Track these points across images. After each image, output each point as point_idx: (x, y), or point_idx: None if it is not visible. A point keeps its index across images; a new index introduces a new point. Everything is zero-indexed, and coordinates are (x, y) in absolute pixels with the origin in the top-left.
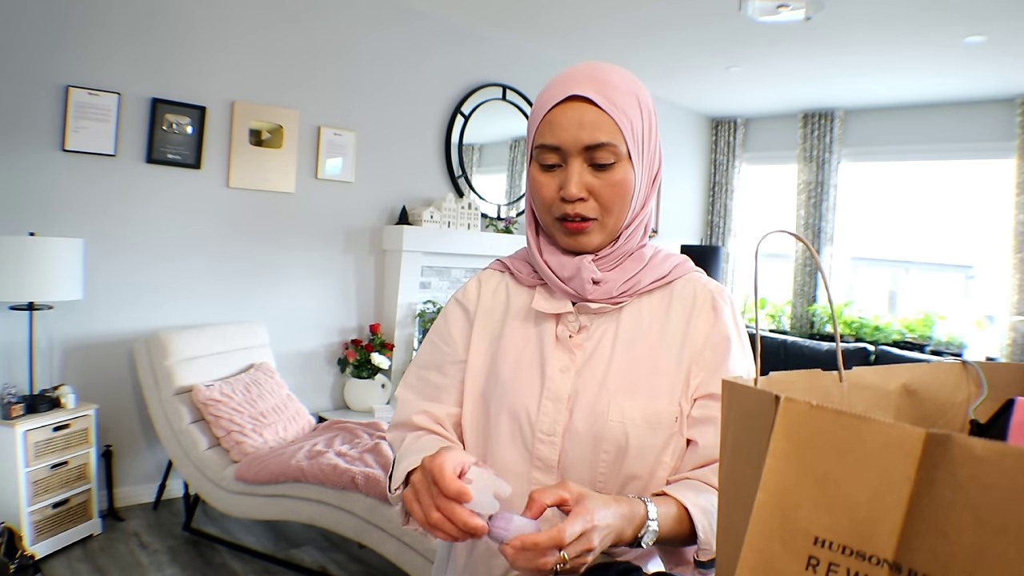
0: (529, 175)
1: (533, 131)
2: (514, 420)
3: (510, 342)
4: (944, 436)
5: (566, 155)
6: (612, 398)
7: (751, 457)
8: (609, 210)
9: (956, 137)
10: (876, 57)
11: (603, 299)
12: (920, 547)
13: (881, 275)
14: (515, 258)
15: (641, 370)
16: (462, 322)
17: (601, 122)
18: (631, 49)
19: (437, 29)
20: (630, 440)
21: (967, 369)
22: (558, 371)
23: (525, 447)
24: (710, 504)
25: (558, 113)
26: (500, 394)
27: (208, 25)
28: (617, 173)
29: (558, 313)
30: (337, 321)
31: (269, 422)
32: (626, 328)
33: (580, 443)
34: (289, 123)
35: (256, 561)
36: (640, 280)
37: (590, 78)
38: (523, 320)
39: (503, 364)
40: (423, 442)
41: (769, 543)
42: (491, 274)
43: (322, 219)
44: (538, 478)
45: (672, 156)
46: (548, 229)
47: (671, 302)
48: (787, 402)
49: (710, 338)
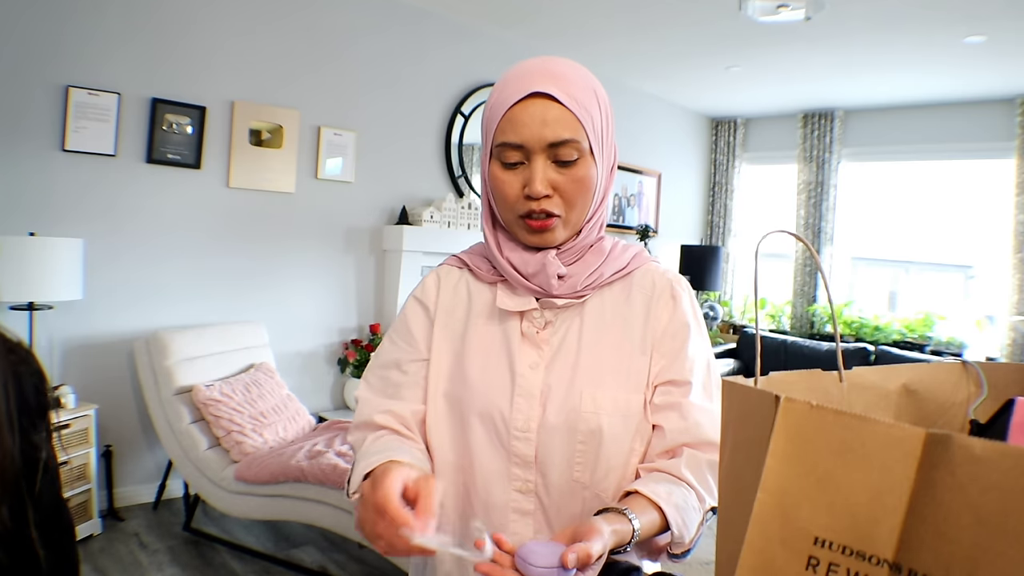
0: (489, 173)
1: (492, 129)
2: (488, 419)
3: (475, 341)
4: (944, 436)
5: (529, 152)
6: (584, 389)
7: (751, 457)
8: (573, 206)
9: (956, 137)
10: (876, 57)
11: (568, 294)
12: (920, 547)
13: (881, 275)
14: (472, 254)
15: (608, 360)
16: (422, 320)
17: (564, 119)
18: (631, 49)
19: (437, 28)
20: (604, 429)
21: (967, 369)
22: (528, 367)
23: (501, 445)
24: (682, 499)
25: (519, 111)
26: (470, 394)
27: (208, 25)
28: (580, 169)
29: (523, 311)
30: (337, 321)
31: (269, 422)
32: (590, 320)
33: (555, 437)
34: (289, 123)
35: (256, 561)
36: (602, 272)
37: (549, 74)
38: (487, 318)
39: (470, 364)
40: (382, 443)
41: (769, 543)
42: (449, 270)
43: (322, 219)
44: (517, 473)
45: (672, 156)
46: (510, 227)
47: (631, 292)
48: (787, 402)
49: (669, 326)
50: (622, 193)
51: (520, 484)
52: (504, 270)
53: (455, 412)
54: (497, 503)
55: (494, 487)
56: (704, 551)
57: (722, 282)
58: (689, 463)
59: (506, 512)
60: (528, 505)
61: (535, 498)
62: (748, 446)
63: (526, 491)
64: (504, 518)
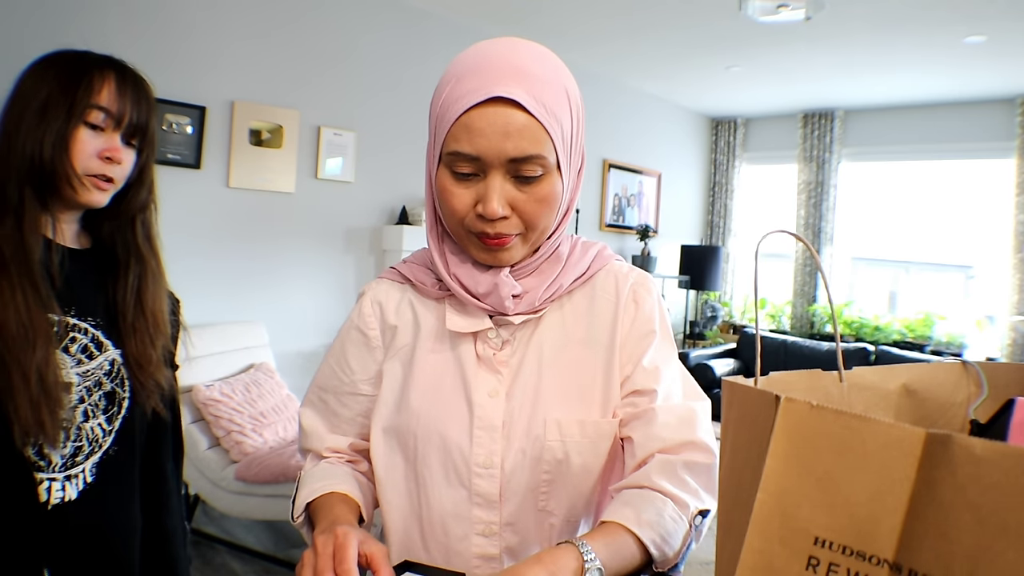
0: (437, 180)
1: (444, 131)
2: (445, 456)
3: (425, 367)
4: (944, 436)
5: (486, 166)
6: (547, 416)
7: (751, 457)
8: (534, 226)
9: (956, 137)
10: (876, 57)
11: (525, 311)
12: (920, 547)
13: (881, 275)
14: (413, 265)
15: (571, 381)
16: (360, 350)
17: (529, 130)
18: (631, 49)
19: (437, 28)
20: (571, 459)
21: (967, 369)
22: (486, 396)
23: (461, 484)
24: (655, 515)
25: (477, 116)
26: (421, 428)
27: (208, 25)
28: (544, 187)
29: (476, 332)
30: (337, 321)
31: (269, 422)
32: (551, 336)
33: (521, 472)
34: (289, 123)
35: (256, 561)
36: (562, 283)
37: (514, 71)
38: (436, 340)
39: (417, 393)
40: (325, 470)
41: (769, 543)
42: (389, 287)
43: (322, 219)
44: (480, 516)
45: (672, 156)
46: (460, 240)
47: (593, 300)
48: (787, 402)
49: (631, 334)
50: (622, 193)
51: (483, 527)
52: (453, 289)
53: (405, 449)
54: (458, 549)
55: (453, 531)
56: (704, 551)
57: (722, 282)
58: (661, 469)
59: (468, 560)
60: (493, 549)
61: (499, 540)
62: (748, 446)
63: (489, 534)
64: (467, 565)
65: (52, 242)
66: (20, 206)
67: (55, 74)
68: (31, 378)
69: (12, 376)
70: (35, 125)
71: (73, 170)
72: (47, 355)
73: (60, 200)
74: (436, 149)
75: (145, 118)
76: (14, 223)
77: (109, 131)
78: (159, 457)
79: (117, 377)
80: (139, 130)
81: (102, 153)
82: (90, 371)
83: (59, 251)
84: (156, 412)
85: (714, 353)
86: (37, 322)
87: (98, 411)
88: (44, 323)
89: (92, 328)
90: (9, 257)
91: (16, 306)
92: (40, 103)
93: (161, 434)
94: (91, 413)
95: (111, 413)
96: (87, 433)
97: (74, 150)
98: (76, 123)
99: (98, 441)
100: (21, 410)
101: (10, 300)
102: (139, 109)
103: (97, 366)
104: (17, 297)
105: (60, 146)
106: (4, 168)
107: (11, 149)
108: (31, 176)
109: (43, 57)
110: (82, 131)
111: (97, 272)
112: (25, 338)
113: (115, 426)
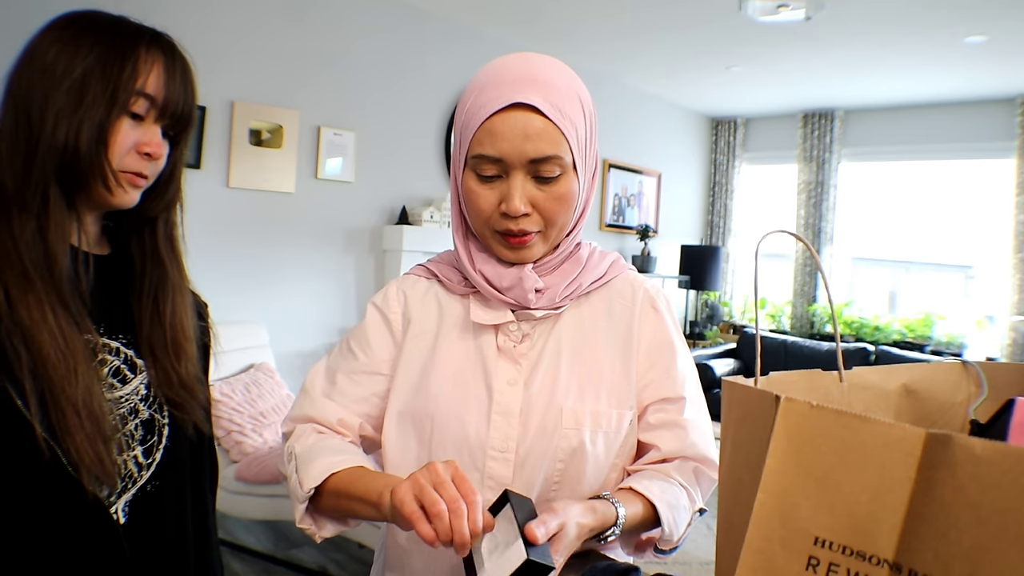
0: (463, 183)
1: (469, 137)
2: (461, 439)
3: (446, 356)
4: (944, 436)
5: (508, 167)
6: (564, 405)
7: (751, 457)
8: (553, 223)
9: (956, 137)
10: (876, 57)
11: (546, 306)
12: (920, 547)
13: (881, 275)
14: (441, 263)
15: (589, 375)
16: (381, 331)
17: (547, 132)
18: (631, 49)
19: (438, 28)
20: (586, 447)
21: (967, 369)
22: (505, 384)
23: (475, 467)
24: (674, 498)
25: (499, 122)
26: (440, 412)
27: (208, 25)
28: (562, 186)
29: (498, 324)
30: (337, 321)
31: (269, 422)
32: (569, 333)
33: (535, 457)
34: (289, 123)
35: (256, 561)
36: (581, 283)
37: (532, 80)
38: (459, 332)
39: (438, 379)
40: (341, 444)
41: (769, 543)
42: (416, 281)
43: (322, 219)
44: (490, 499)
45: (672, 156)
46: (484, 240)
47: (611, 303)
48: (787, 402)
49: (654, 340)
50: (622, 193)
51: None
52: (477, 284)
53: (420, 432)
54: None
55: None
56: (704, 551)
57: (722, 282)
58: (680, 468)
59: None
60: None
61: None
62: (748, 446)
63: None
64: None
65: (78, 249)
66: (44, 208)
67: (92, 45)
68: (81, 412)
69: (66, 412)
70: (70, 111)
71: (111, 167)
72: (90, 383)
73: (87, 200)
74: (462, 155)
75: (190, 107)
76: (36, 228)
77: (149, 122)
78: (201, 486)
79: (155, 403)
80: (181, 121)
81: (141, 147)
82: (124, 397)
83: (85, 259)
84: (198, 429)
85: (714, 353)
86: (74, 345)
87: (134, 442)
88: (82, 346)
89: (123, 347)
90: (33, 269)
91: (50, 328)
92: (74, 83)
93: (200, 458)
94: (125, 445)
95: (150, 444)
96: (119, 468)
97: (112, 143)
98: (119, 112)
99: (132, 476)
100: (83, 450)
101: (41, 321)
102: (185, 97)
103: (132, 391)
104: (48, 317)
105: (99, 139)
106: (22, 160)
107: (32, 135)
108: (60, 172)
109: (69, 17)
110: (124, 122)
111: (119, 281)
112: (67, 366)
113: (155, 458)
